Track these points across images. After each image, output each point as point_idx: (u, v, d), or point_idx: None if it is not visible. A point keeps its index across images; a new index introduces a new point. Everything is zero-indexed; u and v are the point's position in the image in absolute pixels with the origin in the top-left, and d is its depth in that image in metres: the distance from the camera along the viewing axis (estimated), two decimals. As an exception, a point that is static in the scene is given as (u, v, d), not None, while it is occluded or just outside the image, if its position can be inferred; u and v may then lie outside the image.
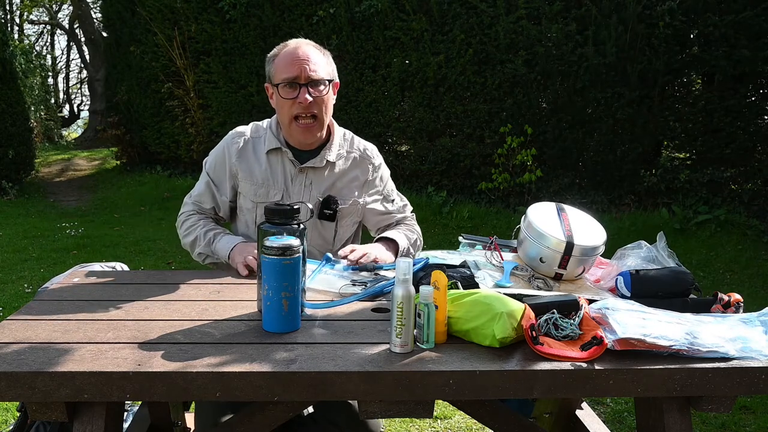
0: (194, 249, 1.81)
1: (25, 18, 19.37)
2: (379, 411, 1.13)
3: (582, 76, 5.98)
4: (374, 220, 1.92)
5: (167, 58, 8.36)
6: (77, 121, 21.14)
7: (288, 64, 1.69)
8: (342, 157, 1.82)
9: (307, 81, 1.67)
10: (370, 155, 1.88)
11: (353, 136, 1.90)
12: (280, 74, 1.69)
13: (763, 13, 5.38)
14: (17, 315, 1.31)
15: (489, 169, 6.48)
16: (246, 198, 1.80)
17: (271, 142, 1.78)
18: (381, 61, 6.91)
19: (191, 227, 1.82)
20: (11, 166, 8.39)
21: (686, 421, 1.19)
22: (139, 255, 5.32)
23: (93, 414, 1.13)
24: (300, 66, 1.67)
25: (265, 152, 1.78)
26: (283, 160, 1.78)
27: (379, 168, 1.90)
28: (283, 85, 1.68)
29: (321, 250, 1.80)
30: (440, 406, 2.67)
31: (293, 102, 1.68)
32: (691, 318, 1.25)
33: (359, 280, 1.53)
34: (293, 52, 1.70)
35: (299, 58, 1.68)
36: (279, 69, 1.70)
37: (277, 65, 1.71)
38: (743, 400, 2.76)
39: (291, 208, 1.31)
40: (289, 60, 1.69)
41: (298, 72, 1.67)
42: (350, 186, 1.82)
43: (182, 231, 1.85)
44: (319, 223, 1.79)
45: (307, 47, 1.72)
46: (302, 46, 1.71)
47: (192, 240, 1.81)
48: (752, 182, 5.88)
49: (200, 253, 1.80)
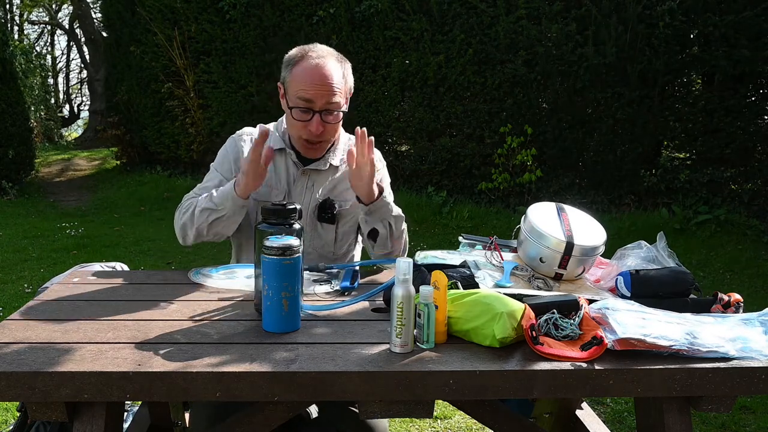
0: (194, 218, 1.68)
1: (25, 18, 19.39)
2: (379, 411, 1.13)
3: (582, 76, 5.99)
4: None
5: (167, 58, 8.36)
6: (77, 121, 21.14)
7: (306, 83, 1.60)
8: (345, 161, 1.80)
9: (323, 109, 1.62)
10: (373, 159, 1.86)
11: None
12: (296, 89, 1.62)
13: (763, 13, 5.38)
14: (17, 315, 1.31)
15: (489, 169, 6.48)
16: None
17: (276, 142, 1.77)
18: (381, 61, 6.91)
19: (188, 206, 1.72)
20: (11, 166, 8.39)
21: (686, 421, 1.19)
22: (139, 255, 5.33)
23: (93, 414, 1.13)
24: (318, 91, 1.59)
25: None
26: (287, 161, 1.78)
27: (380, 171, 1.87)
28: (296, 105, 1.62)
29: (321, 252, 1.80)
30: (440, 406, 2.67)
31: (304, 125, 1.64)
32: (691, 318, 1.25)
33: (321, 279, 1.55)
34: (315, 70, 1.60)
35: (320, 80, 1.59)
36: (295, 82, 1.62)
37: (294, 76, 1.63)
38: (743, 400, 2.76)
39: (287, 208, 1.31)
40: (308, 79, 1.60)
41: (315, 97, 1.60)
42: (351, 189, 1.82)
43: (179, 215, 1.73)
44: (319, 226, 1.79)
45: (330, 66, 1.62)
46: (325, 63, 1.61)
47: (191, 212, 1.69)
48: (752, 182, 5.88)
49: (204, 209, 1.65)
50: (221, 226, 1.68)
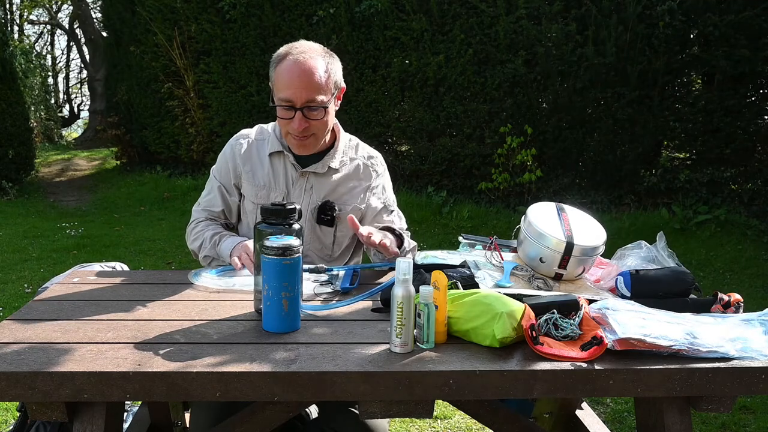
0: (201, 253, 1.79)
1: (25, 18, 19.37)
2: (379, 411, 1.13)
3: (582, 76, 5.99)
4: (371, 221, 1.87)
5: (167, 58, 8.36)
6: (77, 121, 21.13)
7: (286, 83, 1.61)
8: (345, 164, 1.80)
9: (303, 106, 1.62)
10: (374, 163, 1.86)
11: (359, 143, 1.88)
12: (279, 90, 1.63)
13: (763, 13, 5.38)
14: (17, 315, 1.31)
15: (489, 169, 6.48)
16: (247, 200, 1.80)
17: (274, 144, 1.77)
18: (381, 61, 6.91)
19: (198, 233, 1.81)
20: (11, 166, 8.39)
21: (686, 421, 1.19)
22: (139, 255, 5.32)
23: (93, 414, 1.13)
24: (296, 89, 1.60)
25: (267, 154, 1.78)
26: (285, 164, 1.78)
27: (382, 175, 1.88)
28: (279, 104, 1.64)
29: (319, 255, 1.80)
30: (440, 406, 2.67)
31: (288, 122, 1.65)
32: (691, 318, 1.25)
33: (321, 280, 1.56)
34: (293, 68, 1.61)
35: (298, 78, 1.60)
36: (278, 82, 1.64)
37: (276, 75, 1.64)
38: (743, 400, 2.76)
39: (287, 208, 1.31)
40: (287, 78, 1.61)
41: (294, 95, 1.60)
42: (352, 192, 1.81)
43: (190, 238, 1.84)
44: (318, 228, 1.79)
45: (309, 62, 1.61)
46: (304, 61, 1.61)
47: (199, 245, 1.79)
48: (752, 182, 5.88)
49: (206, 256, 1.78)
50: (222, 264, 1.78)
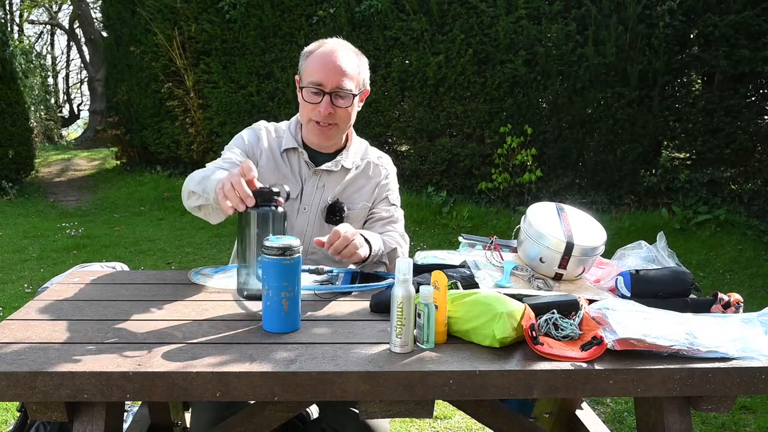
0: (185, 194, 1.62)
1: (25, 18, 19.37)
2: (379, 411, 1.13)
3: (582, 76, 5.99)
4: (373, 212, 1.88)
5: (167, 58, 8.36)
6: (77, 121, 21.12)
7: (319, 67, 1.66)
8: (357, 165, 1.83)
9: (333, 91, 1.66)
10: (384, 163, 1.90)
11: (368, 146, 1.92)
12: (309, 75, 1.67)
13: (763, 13, 5.38)
14: (17, 315, 1.31)
15: (489, 169, 6.48)
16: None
17: (289, 141, 1.79)
18: (381, 61, 6.91)
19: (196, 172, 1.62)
20: (11, 166, 8.39)
21: (686, 421, 1.19)
22: (139, 255, 5.32)
23: (93, 414, 1.13)
24: (330, 74, 1.64)
25: (281, 150, 1.78)
26: (299, 160, 1.79)
27: (391, 174, 1.91)
28: (308, 87, 1.67)
29: (327, 253, 1.80)
30: (440, 406, 2.67)
31: (314, 107, 1.68)
32: (691, 318, 1.25)
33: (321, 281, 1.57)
34: (328, 55, 1.66)
35: (331, 63, 1.65)
36: (309, 69, 1.68)
37: (309, 63, 1.68)
38: (743, 400, 2.76)
39: (271, 190, 1.34)
40: (321, 64, 1.66)
41: (326, 79, 1.64)
42: (361, 192, 1.83)
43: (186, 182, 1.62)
44: (327, 228, 1.79)
45: (343, 53, 1.68)
46: (339, 51, 1.68)
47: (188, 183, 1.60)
48: (752, 182, 5.88)
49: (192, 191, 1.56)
50: (203, 213, 1.62)
